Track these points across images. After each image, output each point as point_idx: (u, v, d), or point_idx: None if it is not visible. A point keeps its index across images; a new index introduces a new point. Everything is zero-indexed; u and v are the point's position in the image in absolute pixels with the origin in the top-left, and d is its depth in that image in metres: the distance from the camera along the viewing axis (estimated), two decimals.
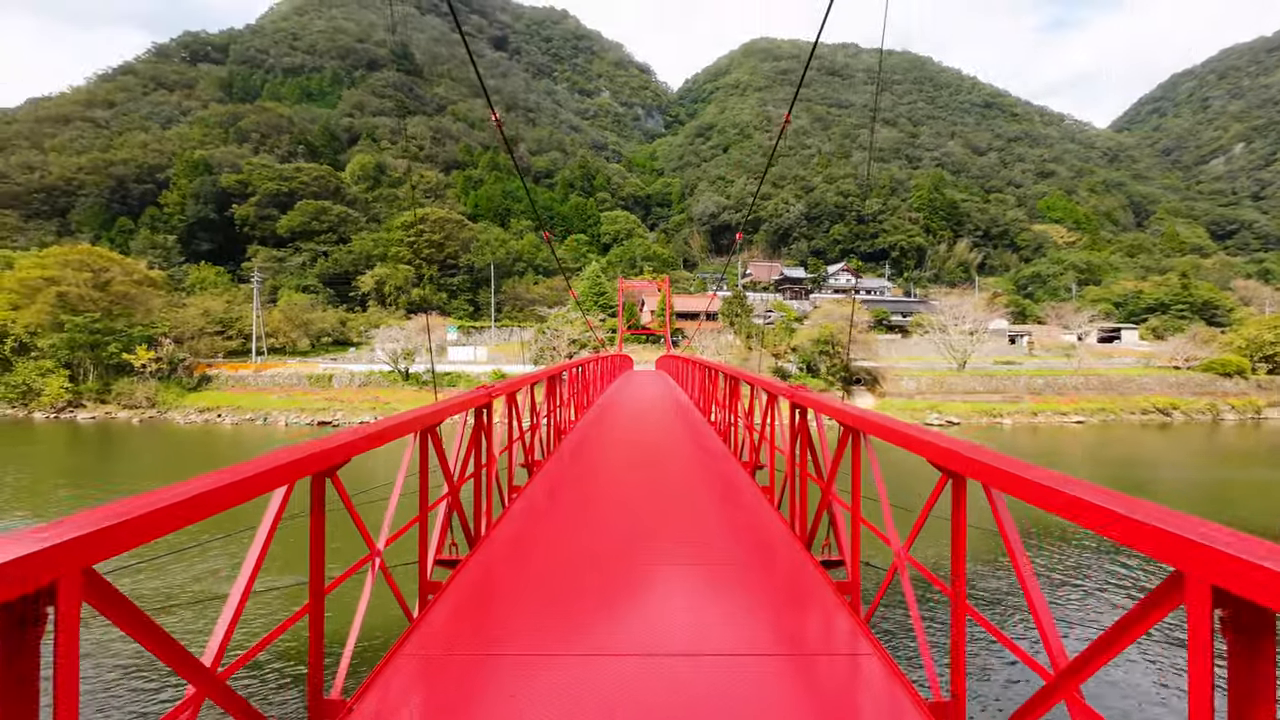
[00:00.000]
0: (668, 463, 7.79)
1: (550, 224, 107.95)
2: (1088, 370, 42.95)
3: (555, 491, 6.28)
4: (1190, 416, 39.25)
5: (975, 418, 37.70)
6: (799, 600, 3.63)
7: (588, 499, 6.01)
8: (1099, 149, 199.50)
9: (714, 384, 10.73)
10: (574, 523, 5.16)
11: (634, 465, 7.67)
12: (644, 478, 6.92)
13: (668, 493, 6.19)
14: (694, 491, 6.30)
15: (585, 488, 6.50)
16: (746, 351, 43.42)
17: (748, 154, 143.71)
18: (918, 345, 57.36)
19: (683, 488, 6.45)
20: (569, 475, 7.11)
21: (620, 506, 5.66)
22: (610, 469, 7.48)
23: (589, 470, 7.44)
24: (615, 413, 13.29)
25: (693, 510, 5.60)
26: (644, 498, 5.97)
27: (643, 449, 8.84)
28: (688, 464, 7.71)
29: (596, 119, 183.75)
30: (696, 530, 4.93)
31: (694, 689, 2.63)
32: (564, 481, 6.77)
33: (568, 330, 45.31)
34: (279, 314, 57.10)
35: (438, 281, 75.76)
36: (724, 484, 6.59)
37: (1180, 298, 79.18)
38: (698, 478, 6.92)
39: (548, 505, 5.73)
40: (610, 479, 6.92)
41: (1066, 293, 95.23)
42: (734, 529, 5.06)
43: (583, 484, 6.67)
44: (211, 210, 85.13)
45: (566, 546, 4.51)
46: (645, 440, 9.58)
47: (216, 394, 42.19)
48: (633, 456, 8.28)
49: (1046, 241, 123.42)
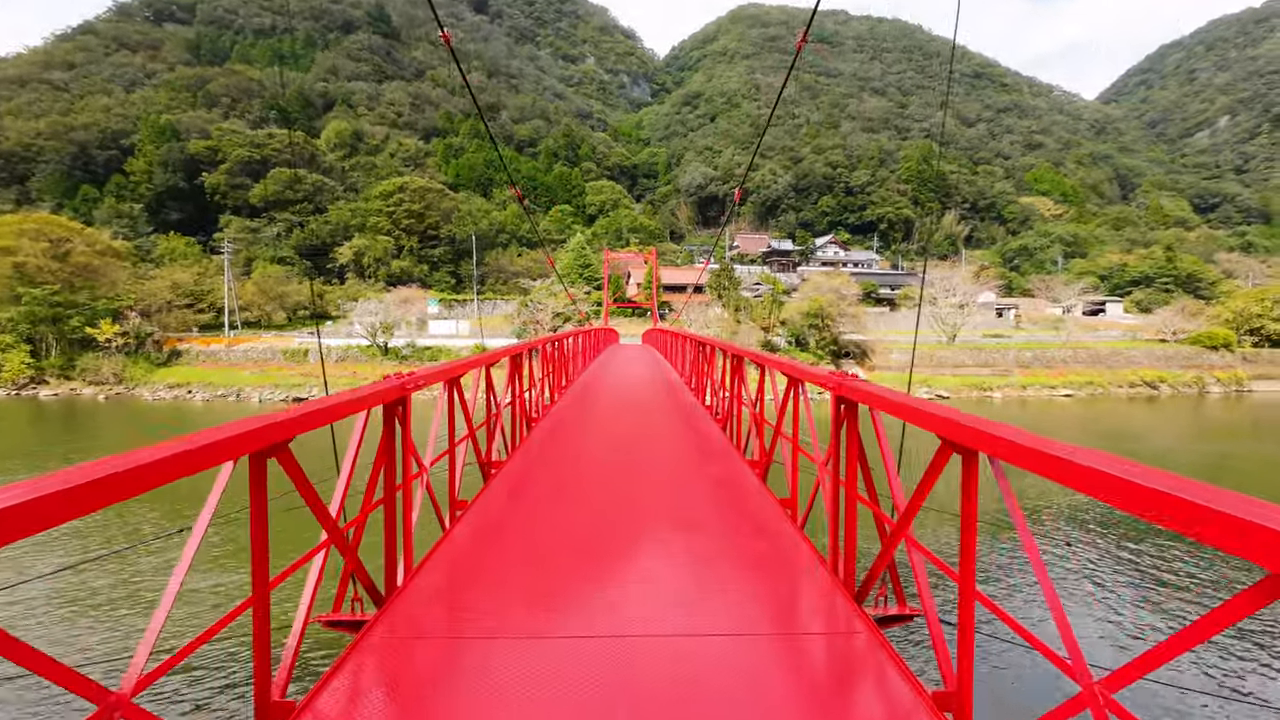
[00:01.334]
0: (655, 449, 6.95)
1: (533, 194, 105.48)
2: (1076, 344, 42.75)
3: (532, 475, 5.70)
4: (1177, 390, 39.27)
5: (965, 391, 37.38)
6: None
7: (564, 485, 5.46)
8: (1086, 121, 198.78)
9: (709, 362, 9.66)
10: (551, 509, 4.74)
11: (617, 449, 6.91)
12: (627, 462, 6.21)
13: (654, 482, 5.56)
14: (686, 483, 5.51)
15: (563, 474, 5.84)
16: (735, 325, 42.61)
17: (735, 123, 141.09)
18: (906, 318, 56.96)
19: (672, 479, 5.69)
20: (546, 459, 6.38)
21: (603, 491, 5.21)
22: (591, 455, 6.68)
23: (567, 456, 6.64)
24: (598, 392, 12.19)
25: (680, 494, 5.11)
26: (628, 484, 5.46)
27: (627, 434, 7.92)
28: (679, 453, 6.83)
29: (581, 86, 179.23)
30: (687, 520, 4.43)
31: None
32: (541, 466, 6.09)
33: (551, 303, 44.11)
34: (252, 286, 55.21)
35: (418, 253, 73.73)
36: (720, 475, 5.75)
37: (1165, 270, 79.42)
38: (690, 468, 6.05)
39: (524, 489, 5.28)
40: (592, 465, 6.20)
41: (1053, 266, 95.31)
42: (725, 512, 4.66)
43: (560, 470, 6.00)
44: (180, 178, 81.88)
45: (545, 531, 4.22)
46: (630, 425, 8.57)
47: (187, 369, 40.68)
48: (616, 440, 7.46)
49: (1033, 214, 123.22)
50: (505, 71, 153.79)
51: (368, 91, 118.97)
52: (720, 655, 2.64)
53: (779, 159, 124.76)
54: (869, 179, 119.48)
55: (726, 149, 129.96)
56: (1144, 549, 12.88)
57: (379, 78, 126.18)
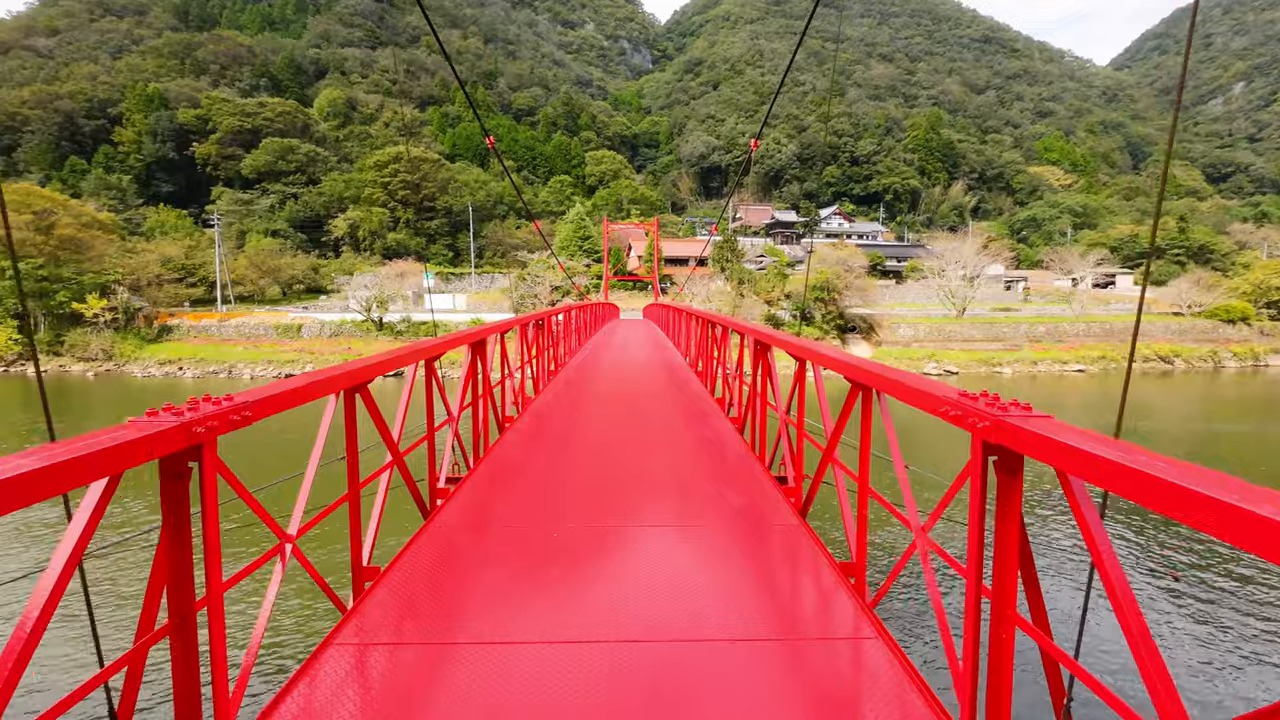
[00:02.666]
0: (657, 459, 5.77)
1: (532, 165, 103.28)
2: (1089, 317, 41.65)
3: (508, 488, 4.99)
4: (1191, 364, 38.29)
5: (974, 366, 36.44)
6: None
7: (558, 484, 4.95)
8: (1098, 88, 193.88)
9: (720, 345, 8.47)
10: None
11: (610, 453, 5.93)
12: (623, 469, 5.39)
13: (657, 493, 4.79)
14: (694, 498, 4.61)
15: (554, 476, 5.22)
16: (738, 298, 41.54)
17: (739, 91, 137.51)
18: (913, 291, 55.76)
19: (679, 491, 4.79)
20: (523, 470, 5.56)
21: (597, 497, 4.60)
22: (583, 457, 5.80)
23: (558, 454, 5.83)
24: (592, 379, 10.96)
25: (688, 505, 4.47)
26: (625, 488, 4.85)
27: (624, 433, 6.72)
28: (685, 463, 5.62)
29: (580, 53, 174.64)
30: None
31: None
32: (518, 478, 5.28)
33: (549, 276, 42.96)
34: (245, 260, 54.02)
35: (414, 225, 72.19)
36: (741, 504, 4.56)
37: (1177, 242, 77.61)
38: (702, 482, 4.99)
39: (507, 492, 4.76)
40: (585, 469, 5.42)
41: (1061, 237, 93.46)
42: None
43: (551, 472, 5.35)
44: (170, 149, 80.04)
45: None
46: (627, 423, 7.32)
47: (178, 345, 39.81)
48: (610, 441, 6.35)
49: (1042, 184, 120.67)
50: (502, 37, 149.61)
51: (361, 58, 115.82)
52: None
53: (783, 128, 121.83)
54: (875, 148, 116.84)
55: (729, 117, 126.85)
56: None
57: (372, 44, 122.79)
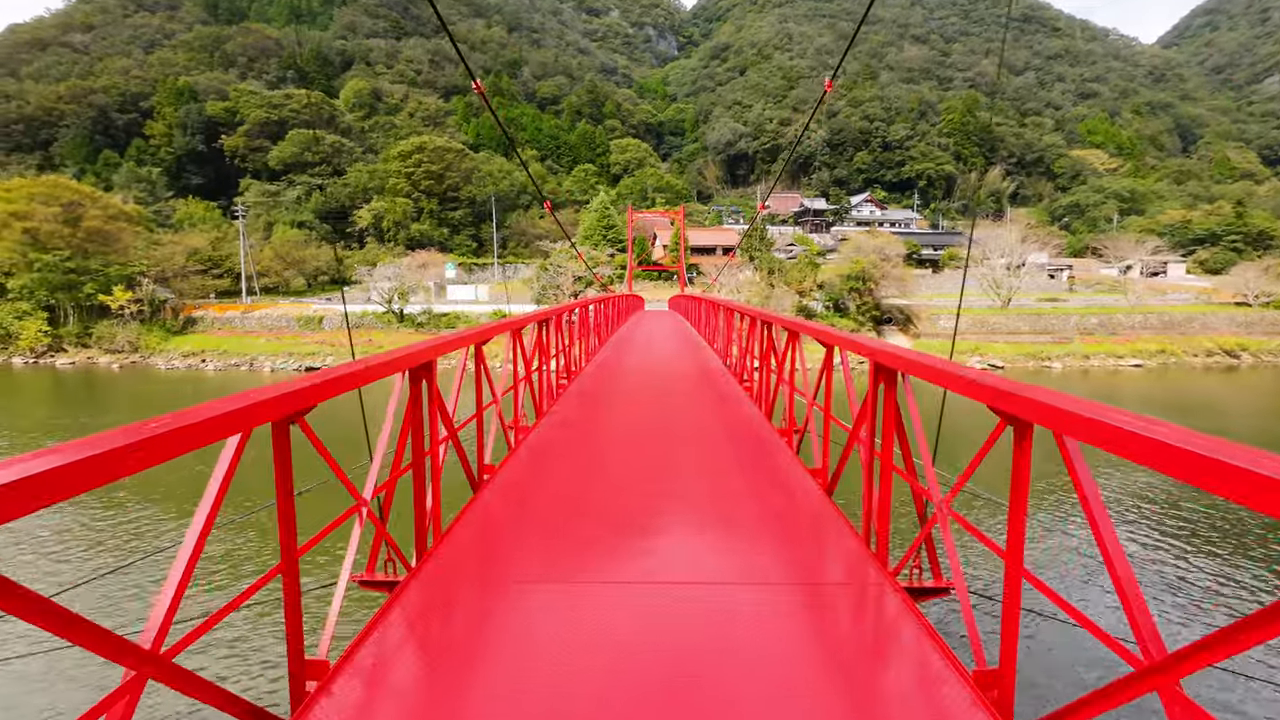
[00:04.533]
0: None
1: (556, 154, 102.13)
2: (1145, 308, 38.99)
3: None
4: (1260, 359, 35.55)
5: (1021, 361, 34.30)
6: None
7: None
8: (1144, 67, 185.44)
9: (769, 344, 6.81)
10: None
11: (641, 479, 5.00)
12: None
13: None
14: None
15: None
16: (768, 289, 39.89)
17: (767, 76, 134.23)
18: (951, 280, 53.42)
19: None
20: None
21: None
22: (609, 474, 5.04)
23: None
24: (615, 385, 9.25)
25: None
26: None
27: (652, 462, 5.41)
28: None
29: (605, 40, 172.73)
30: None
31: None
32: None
33: (572, 267, 41.78)
34: (270, 251, 53.96)
35: (438, 215, 71.66)
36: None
37: (1234, 227, 73.41)
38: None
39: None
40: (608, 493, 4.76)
41: (1107, 223, 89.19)
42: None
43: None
44: (200, 141, 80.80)
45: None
46: (658, 413, 7.01)
47: (201, 337, 39.69)
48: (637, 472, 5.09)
49: (1085, 168, 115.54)
50: (526, 26, 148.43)
51: (386, 49, 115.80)
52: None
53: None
54: (908, 133, 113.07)
55: (757, 103, 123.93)
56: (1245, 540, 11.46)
57: (397, 34, 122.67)
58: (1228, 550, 11.08)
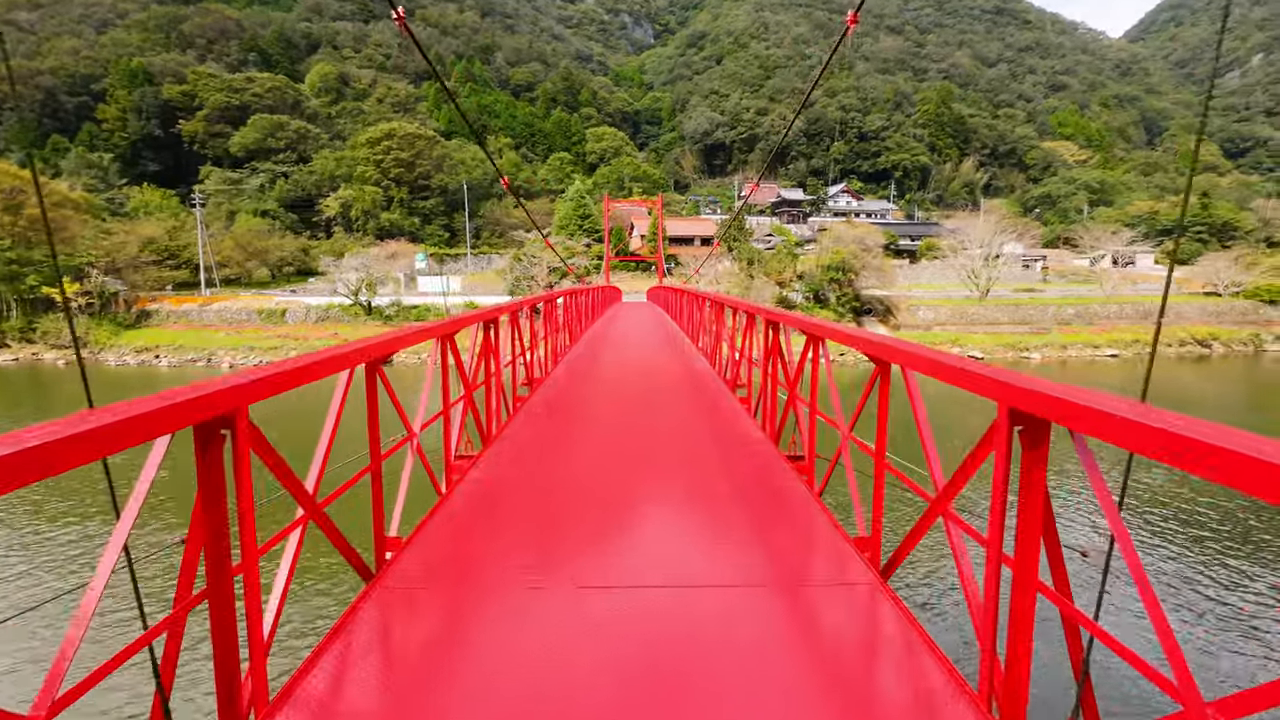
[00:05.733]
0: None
1: (531, 141, 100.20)
2: (1120, 298, 39.25)
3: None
4: (1230, 348, 36.00)
5: (1000, 351, 34.23)
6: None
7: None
8: (1111, 61, 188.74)
9: (778, 356, 5.50)
10: None
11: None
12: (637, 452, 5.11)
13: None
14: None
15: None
16: (748, 279, 39.25)
17: (743, 65, 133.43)
18: (928, 271, 53.42)
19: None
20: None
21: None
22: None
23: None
24: (590, 387, 8.30)
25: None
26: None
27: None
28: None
29: (580, 27, 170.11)
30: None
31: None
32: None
33: (546, 257, 40.64)
34: (231, 241, 51.71)
35: (408, 205, 69.62)
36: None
37: (1199, 218, 74.92)
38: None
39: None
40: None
41: (1078, 214, 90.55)
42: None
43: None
44: (156, 126, 77.41)
45: None
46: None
47: (156, 331, 37.72)
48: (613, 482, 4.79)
49: (1056, 160, 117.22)
50: (500, 11, 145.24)
51: (354, 32, 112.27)
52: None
53: (788, 103, 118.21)
54: (884, 124, 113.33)
55: (734, 92, 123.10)
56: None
57: (365, 17, 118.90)
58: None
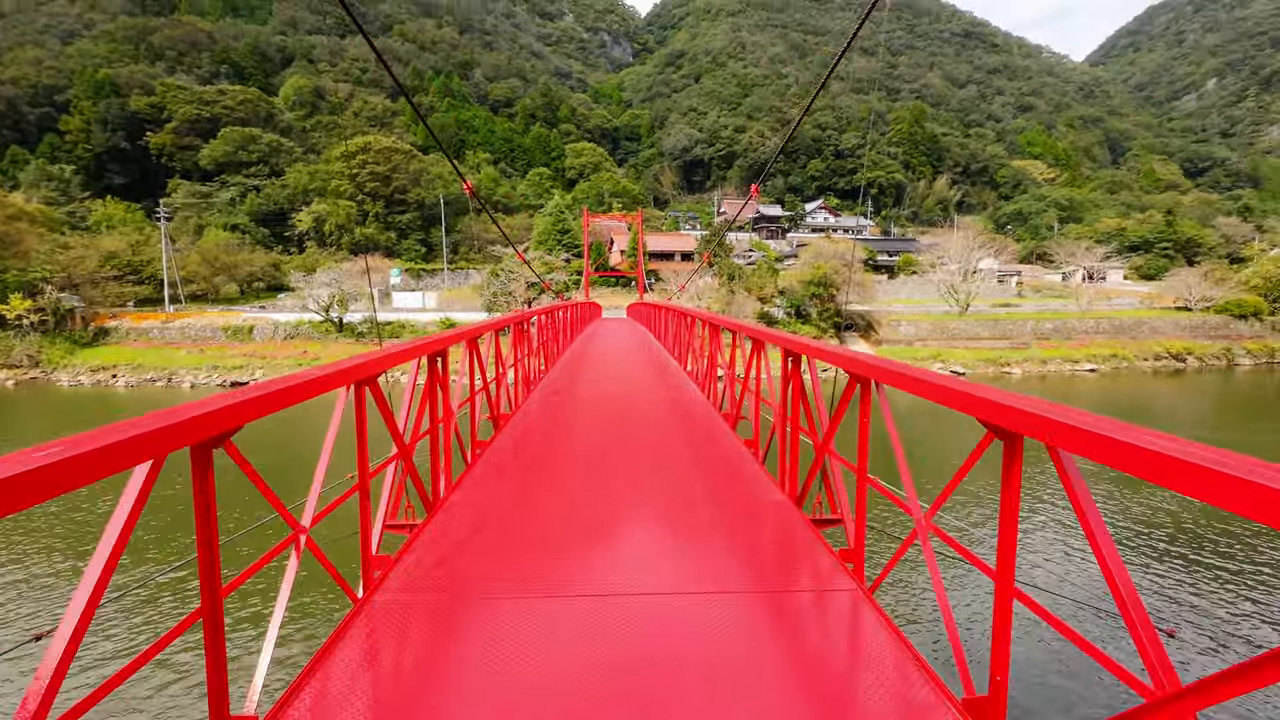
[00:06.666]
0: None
1: (510, 157, 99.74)
2: (1097, 313, 39.67)
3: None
4: (1204, 362, 36.47)
5: (981, 366, 34.22)
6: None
7: None
8: (1075, 83, 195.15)
9: (801, 398, 4.43)
10: None
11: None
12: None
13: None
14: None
15: None
16: (729, 295, 38.90)
17: (721, 83, 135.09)
18: (906, 286, 53.71)
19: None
20: None
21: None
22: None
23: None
24: (558, 450, 5.98)
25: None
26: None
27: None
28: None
29: (559, 45, 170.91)
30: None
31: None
32: None
33: (524, 272, 39.92)
34: (197, 256, 50.05)
35: (384, 219, 68.46)
36: None
37: (1165, 235, 77.03)
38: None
39: None
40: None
41: (1049, 231, 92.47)
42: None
43: None
44: (122, 138, 75.32)
45: None
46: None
47: (114, 350, 36.04)
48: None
49: (1026, 178, 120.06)
50: (479, 27, 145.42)
51: (330, 46, 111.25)
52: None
53: (766, 120, 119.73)
54: (859, 142, 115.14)
55: (711, 110, 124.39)
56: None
57: (342, 31, 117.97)
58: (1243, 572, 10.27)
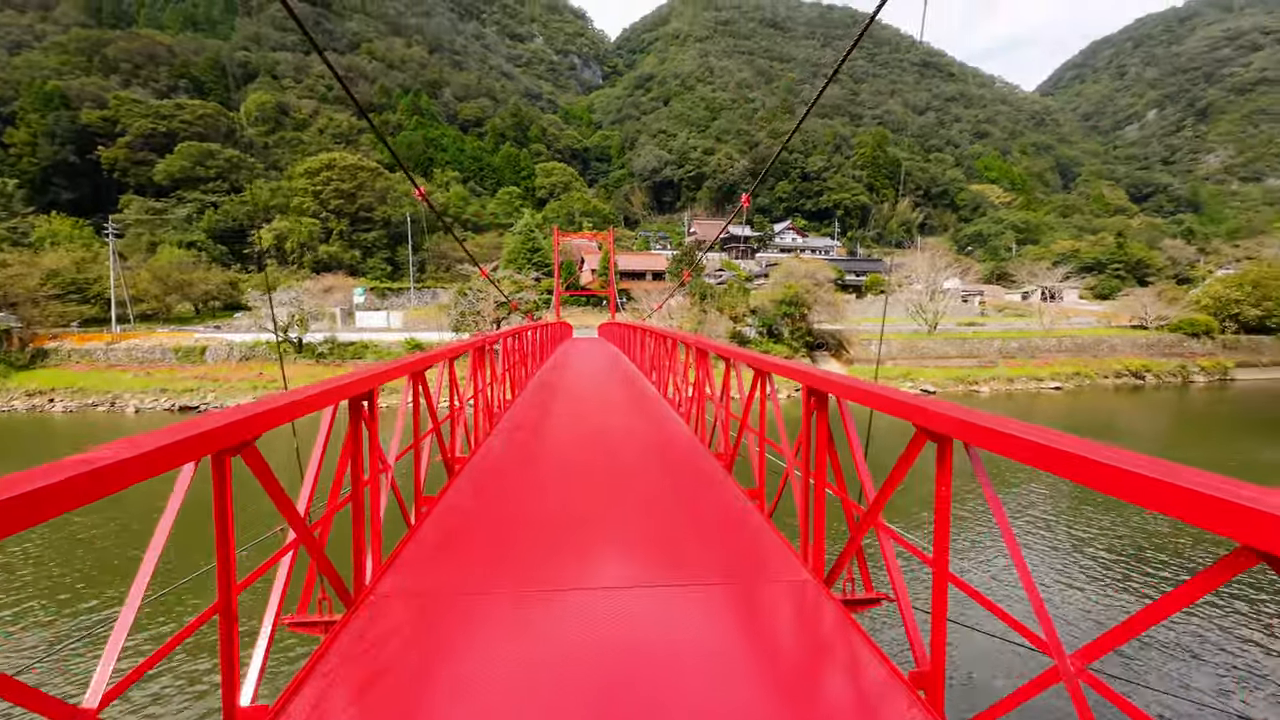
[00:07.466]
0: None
1: (480, 176, 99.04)
2: (1059, 331, 40.63)
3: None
4: (1161, 379, 37.52)
5: (951, 385, 34.55)
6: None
7: None
8: (1027, 112, 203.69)
9: (829, 446, 3.65)
10: None
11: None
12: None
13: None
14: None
15: None
16: (701, 314, 38.71)
17: (690, 106, 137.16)
18: (875, 306, 54.39)
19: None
20: None
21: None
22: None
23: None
24: (525, 512, 4.78)
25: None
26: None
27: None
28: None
29: (530, 66, 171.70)
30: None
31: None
32: None
33: (493, 291, 39.14)
34: (148, 274, 47.95)
35: (349, 237, 66.93)
36: None
37: (1116, 257, 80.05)
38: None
39: None
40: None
41: (1007, 252, 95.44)
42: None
43: None
44: (71, 152, 72.39)
45: None
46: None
47: (53, 372, 33.92)
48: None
49: (984, 201, 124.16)
50: (449, 48, 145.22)
51: (294, 62, 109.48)
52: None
53: (734, 143, 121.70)
54: (824, 165, 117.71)
55: (681, 132, 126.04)
56: (1124, 530, 13.20)
57: (307, 48, 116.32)
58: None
